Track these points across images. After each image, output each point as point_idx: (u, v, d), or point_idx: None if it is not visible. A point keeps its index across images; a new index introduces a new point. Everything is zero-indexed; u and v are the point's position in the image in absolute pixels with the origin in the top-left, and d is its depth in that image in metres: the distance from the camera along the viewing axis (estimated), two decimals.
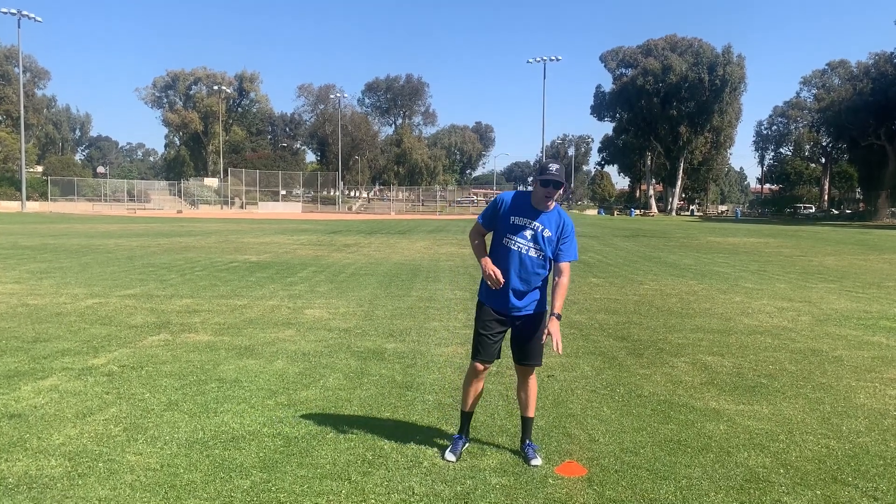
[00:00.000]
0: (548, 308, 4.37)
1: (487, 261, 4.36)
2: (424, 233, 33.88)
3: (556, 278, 4.34)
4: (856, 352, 7.74)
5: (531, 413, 4.54)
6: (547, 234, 4.31)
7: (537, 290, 4.41)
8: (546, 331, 4.20)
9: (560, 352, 4.15)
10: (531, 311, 4.41)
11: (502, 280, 4.28)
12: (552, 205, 4.33)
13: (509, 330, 4.48)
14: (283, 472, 4.10)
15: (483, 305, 4.50)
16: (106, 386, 5.88)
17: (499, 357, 4.52)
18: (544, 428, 4.98)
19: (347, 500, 3.76)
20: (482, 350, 4.41)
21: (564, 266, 4.37)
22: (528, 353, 4.44)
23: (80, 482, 3.92)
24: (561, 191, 4.24)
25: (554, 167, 4.25)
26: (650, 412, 5.41)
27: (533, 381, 4.53)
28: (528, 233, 4.30)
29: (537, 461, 4.30)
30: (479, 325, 4.47)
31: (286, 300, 10.89)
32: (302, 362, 6.84)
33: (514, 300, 4.36)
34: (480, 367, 4.43)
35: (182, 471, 4.10)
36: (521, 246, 4.31)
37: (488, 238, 4.57)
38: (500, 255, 4.36)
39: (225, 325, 8.75)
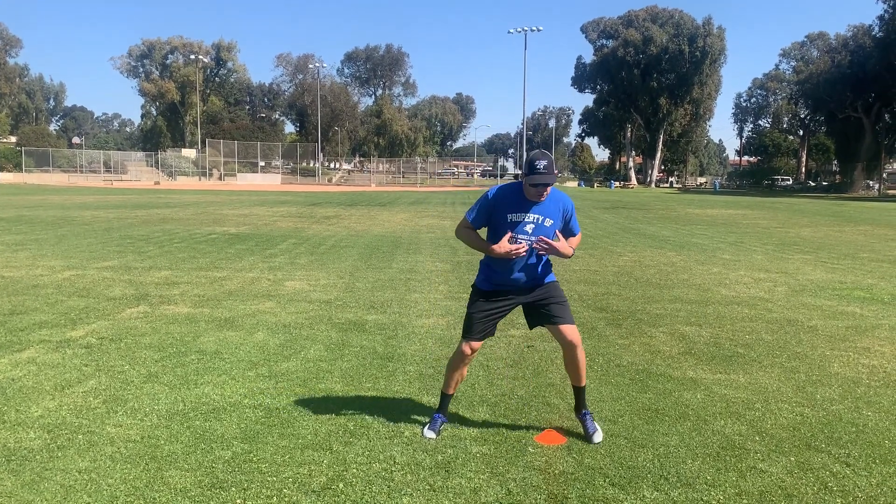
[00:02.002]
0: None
1: (502, 243, 4.12)
2: (405, 205, 33.80)
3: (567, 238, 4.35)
4: (830, 322, 7.86)
5: (580, 381, 4.38)
6: (549, 223, 4.19)
7: (543, 267, 4.34)
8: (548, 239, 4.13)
9: (538, 246, 4.12)
10: (543, 283, 4.35)
11: (522, 245, 4.10)
12: (546, 195, 4.16)
13: (516, 309, 4.44)
14: (264, 443, 4.11)
15: (481, 291, 4.35)
16: (84, 358, 5.84)
17: (492, 334, 4.41)
18: (524, 397, 5.02)
19: (329, 469, 3.78)
20: (473, 329, 4.29)
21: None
22: (554, 311, 4.26)
23: (59, 454, 3.91)
24: (553, 184, 4.11)
25: (542, 164, 4.00)
26: (628, 381, 5.47)
27: (578, 346, 4.26)
28: (529, 227, 4.16)
29: (598, 435, 4.23)
30: (473, 309, 4.34)
31: (266, 272, 10.84)
32: (282, 334, 6.83)
33: (524, 280, 4.26)
34: (471, 347, 4.30)
35: (163, 442, 4.10)
36: (522, 241, 4.16)
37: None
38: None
39: (204, 297, 8.70)
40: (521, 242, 4.13)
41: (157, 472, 3.70)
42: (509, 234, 4.14)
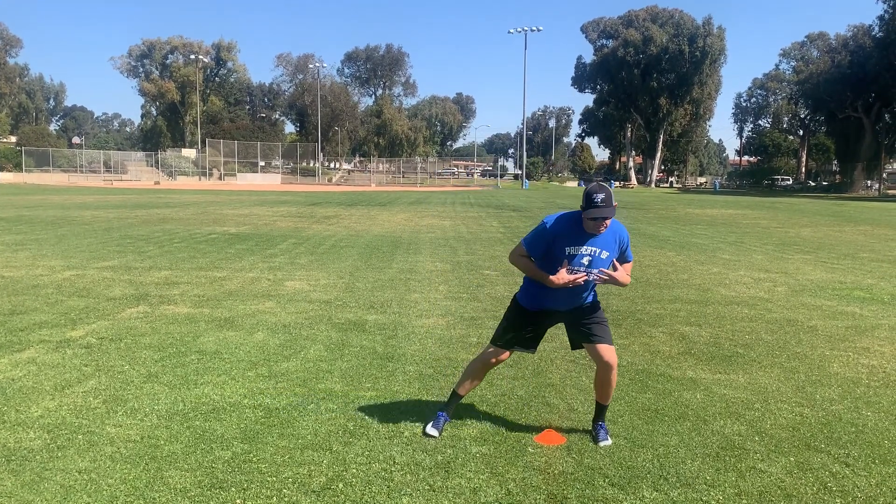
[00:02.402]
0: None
1: (560, 274, 4.10)
2: (405, 205, 33.80)
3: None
4: (830, 322, 7.86)
5: (606, 399, 4.38)
6: (605, 255, 4.16)
7: (589, 290, 4.33)
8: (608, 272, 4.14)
9: (598, 278, 4.15)
10: (590, 302, 4.35)
11: (582, 276, 4.11)
12: (605, 230, 4.14)
13: (560, 325, 4.43)
14: (264, 443, 4.11)
15: (522, 308, 4.36)
16: (84, 358, 5.85)
17: (532, 350, 4.44)
18: (524, 398, 5.02)
19: (329, 469, 3.78)
20: (505, 338, 4.31)
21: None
22: (594, 331, 4.28)
23: (59, 454, 3.91)
24: (612, 216, 4.10)
25: (600, 197, 3.96)
26: (628, 381, 5.47)
27: (613, 368, 4.28)
28: (586, 259, 4.13)
29: (607, 441, 4.23)
30: (510, 322, 4.35)
31: (266, 272, 10.84)
32: (282, 334, 6.83)
33: (568, 299, 4.26)
34: (498, 355, 4.33)
35: (163, 442, 4.10)
36: (578, 272, 4.15)
37: None
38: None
39: (204, 297, 8.70)
40: (578, 272, 4.12)
41: (157, 473, 3.70)
42: (566, 265, 4.12)
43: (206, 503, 3.41)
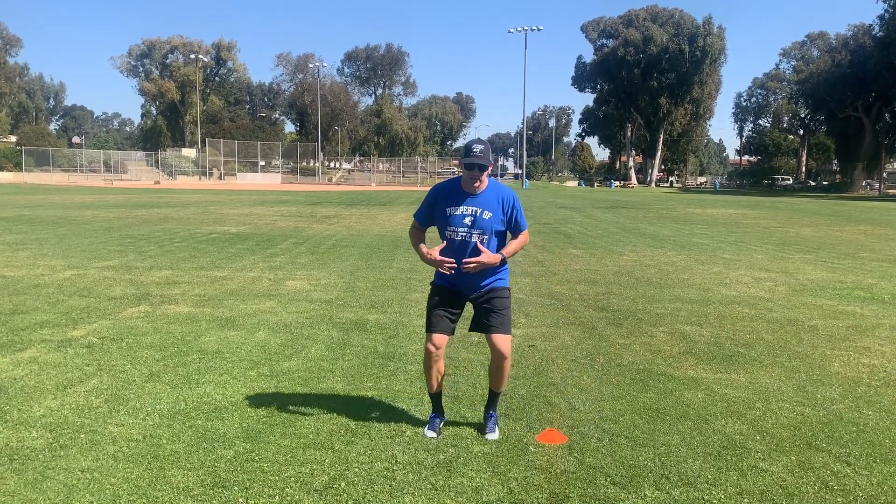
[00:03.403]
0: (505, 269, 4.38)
1: (423, 248, 4.25)
2: (405, 204, 33.80)
3: (513, 237, 4.35)
4: (831, 321, 7.87)
5: (498, 388, 4.37)
6: (487, 215, 4.17)
7: (491, 269, 4.27)
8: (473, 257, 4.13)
9: (466, 268, 4.11)
10: (491, 286, 4.29)
11: (449, 261, 4.14)
12: (483, 186, 4.17)
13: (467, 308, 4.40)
14: (266, 442, 4.12)
15: (437, 286, 4.37)
16: (86, 357, 5.85)
17: (452, 334, 4.37)
18: (525, 397, 5.03)
19: (331, 468, 3.79)
20: (436, 323, 4.26)
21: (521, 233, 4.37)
22: (491, 320, 4.23)
23: (62, 453, 3.91)
24: (488, 171, 4.13)
25: (478, 148, 4.08)
26: (629, 381, 5.47)
27: (506, 358, 4.24)
28: (468, 219, 4.16)
29: (494, 434, 4.24)
30: (431, 303, 4.34)
31: (267, 272, 10.85)
32: (284, 333, 6.83)
33: (471, 281, 4.25)
34: (435, 343, 4.23)
35: (165, 441, 4.11)
36: (462, 234, 4.18)
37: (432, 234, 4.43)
38: (447, 246, 4.22)
39: (205, 296, 8.71)
40: (455, 239, 4.17)
41: (160, 472, 3.71)
42: (443, 245, 4.20)
43: (209, 502, 3.41)
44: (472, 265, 4.13)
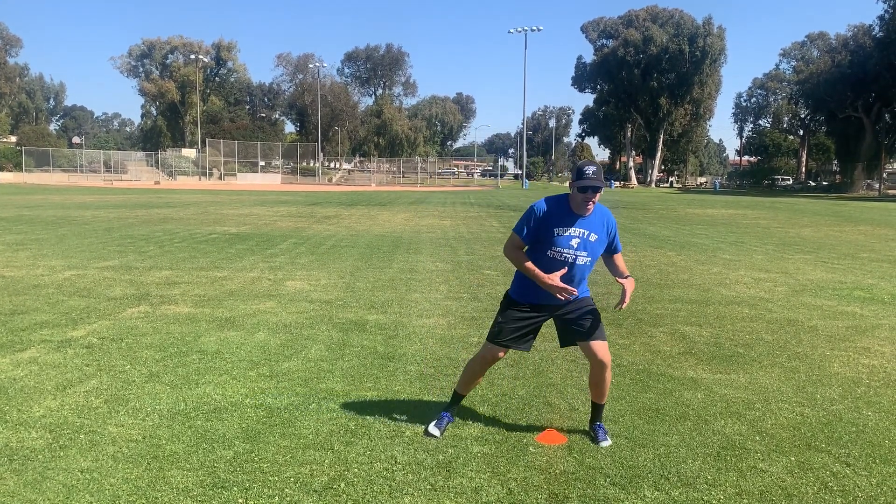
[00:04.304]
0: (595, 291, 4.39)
1: (554, 278, 4.06)
2: (405, 204, 33.81)
3: (612, 256, 4.39)
4: (830, 321, 7.87)
5: (602, 399, 4.35)
6: (594, 238, 4.14)
7: (581, 284, 4.29)
8: (624, 296, 4.23)
9: (623, 307, 4.24)
10: (580, 296, 4.29)
11: (571, 290, 4.06)
12: (592, 207, 4.10)
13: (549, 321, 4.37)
14: (265, 443, 4.12)
15: (515, 302, 4.29)
16: (86, 358, 5.85)
17: (527, 349, 4.40)
18: (525, 397, 5.03)
19: (331, 469, 3.79)
20: (502, 336, 4.24)
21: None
22: (586, 327, 4.22)
23: (61, 454, 3.91)
24: (601, 193, 4.06)
25: (590, 170, 3.98)
26: (629, 381, 5.48)
27: (607, 365, 4.22)
28: (575, 241, 4.10)
29: (607, 441, 4.20)
30: (504, 318, 4.28)
31: (267, 272, 10.85)
32: (283, 334, 6.83)
33: (560, 300, 4.18)
34: (494, 354, 4.27)
35: (164, 442, 4.11)
36: (567, 256, 4.10)
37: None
38: (545, 265, 4.12)
39: (205, 296, 8.71)
40: (572, 288, 4.08)
41: (160, 472, 3.71)
42: (564, 271, 4.09)
43: (209, 503, 3.41)
44: (626, 304, 4.26)
